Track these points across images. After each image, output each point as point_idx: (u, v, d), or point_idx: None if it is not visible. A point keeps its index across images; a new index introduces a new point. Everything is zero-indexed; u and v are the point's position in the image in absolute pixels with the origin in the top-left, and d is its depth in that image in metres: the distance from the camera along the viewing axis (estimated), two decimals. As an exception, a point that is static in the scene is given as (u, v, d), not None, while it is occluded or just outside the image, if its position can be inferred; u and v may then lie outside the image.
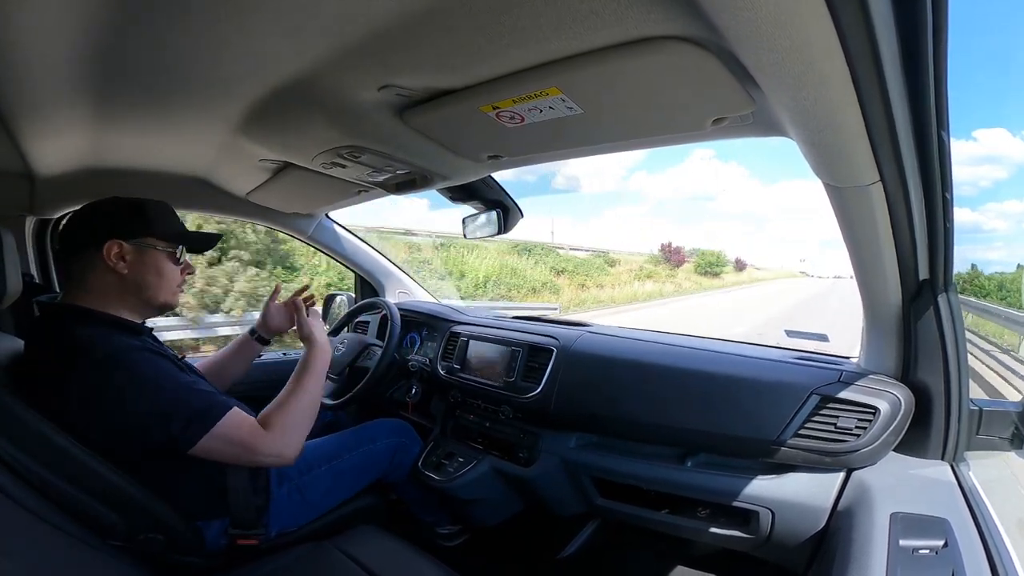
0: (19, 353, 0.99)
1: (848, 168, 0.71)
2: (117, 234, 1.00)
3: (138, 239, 1.02)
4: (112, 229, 1.00)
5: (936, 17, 0.50)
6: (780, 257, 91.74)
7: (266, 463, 1.07)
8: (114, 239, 0.99)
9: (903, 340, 0.97)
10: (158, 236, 1.05)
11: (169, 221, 1.10)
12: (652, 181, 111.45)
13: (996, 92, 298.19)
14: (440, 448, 1.56)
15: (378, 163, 1.18)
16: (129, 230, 1.02)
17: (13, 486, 0.79)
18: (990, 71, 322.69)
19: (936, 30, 0.51)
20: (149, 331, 1.09)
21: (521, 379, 1.41)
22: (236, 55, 0.78)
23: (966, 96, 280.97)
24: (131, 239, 1.01)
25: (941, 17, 0.50)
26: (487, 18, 0.64)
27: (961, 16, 2.88)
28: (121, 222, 1.02)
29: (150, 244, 1.04)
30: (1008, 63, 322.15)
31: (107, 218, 1.02)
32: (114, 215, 1.02)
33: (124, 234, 1.01)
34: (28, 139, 1.10)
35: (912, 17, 0.51)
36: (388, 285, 2.15)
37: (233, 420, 0.98)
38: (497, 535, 1.59)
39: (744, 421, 1.07)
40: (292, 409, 1.07)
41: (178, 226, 1.12)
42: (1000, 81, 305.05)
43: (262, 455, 1.00)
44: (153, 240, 1.04)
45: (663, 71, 0.69)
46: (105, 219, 1.01)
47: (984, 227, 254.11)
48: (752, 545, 1.11)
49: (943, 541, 0.74)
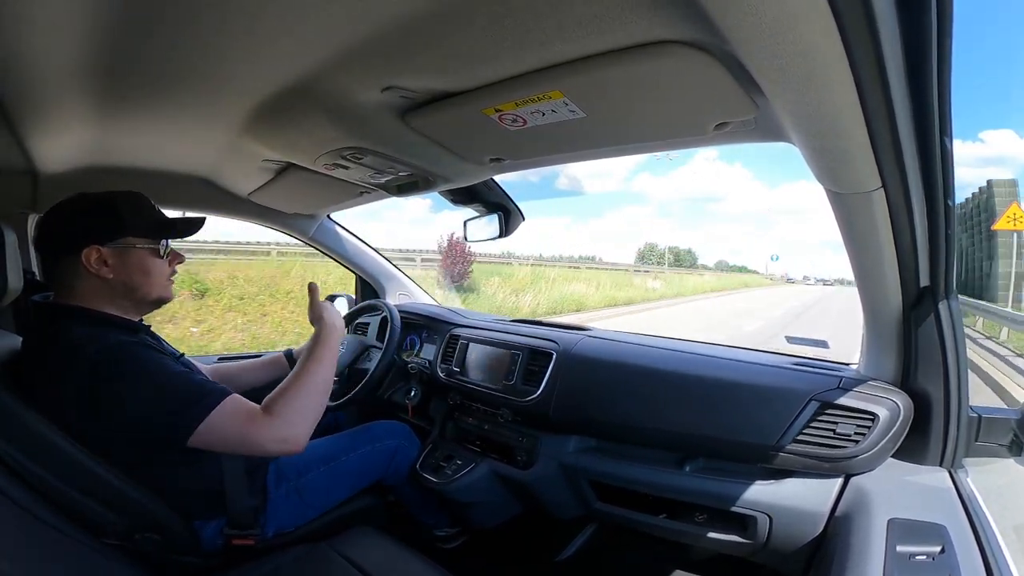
0: (18, 351, 0.99)
1: (850, 174, 0.72)
2: (94, 239, 0.95)
3: (116, 241, 0.97)
4: (88, 234, 0.95)
5: (940, 24, 0.50)
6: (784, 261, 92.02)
7: (272, 450, 0.98)
8: (92, 245, 0.95)
9: (903, 347, 0.97)
10: (137, 233, 1.00)
11: (145, 213, 1.04)
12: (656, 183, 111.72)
13: (1003, 93, 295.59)
14: (439, 450, 1.55)
15: (380, 164, 1.18)
16: (105, 233, 0.97)
17: (9, 485, 0.79)
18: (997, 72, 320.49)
19: (940, 37, 0.52)
20: (147, 328, 1.08)
21: (521, 382, 1.40)
22: (241, 55, 0.79)
23: (972, 97, 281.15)
24: (109, 242, 0.96)
25: (945, 24, 0.50)
26: (490, 21, 0.64)
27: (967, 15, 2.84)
28: (95, 225, 0.97)
29: (130, 244, 0.99)
30: (1015, 63, 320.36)
31: (80, 222, 0.97)
32: (86, 218, 0.97)
33: (101, 238, 0.96)
34: (32, 136, 1.10)
35: (916, 24, 0.51)
36: (389, 287, 2.15)
37: (230, 406, 0.94)
38: (495, 538, 1.58)
39: (743, 426, 1.07)
40: (296, 393, 1.01)
41: (156, 216, 1.06)
42: (1007, 82, 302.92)
43: (265, 441, 0.95)
44: (132, 239, 0.99)
45: (666, 75, 0.69)
46: (78, 223, 0.97)
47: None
48: (750, 550, 1.11)
49: (940, 547, 0.74)
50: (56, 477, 0.85)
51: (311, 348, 1.11)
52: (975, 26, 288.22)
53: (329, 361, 1.10)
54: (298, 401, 1.00)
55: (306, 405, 1.01)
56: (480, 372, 1.53)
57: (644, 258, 33.08)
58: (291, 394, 1.00)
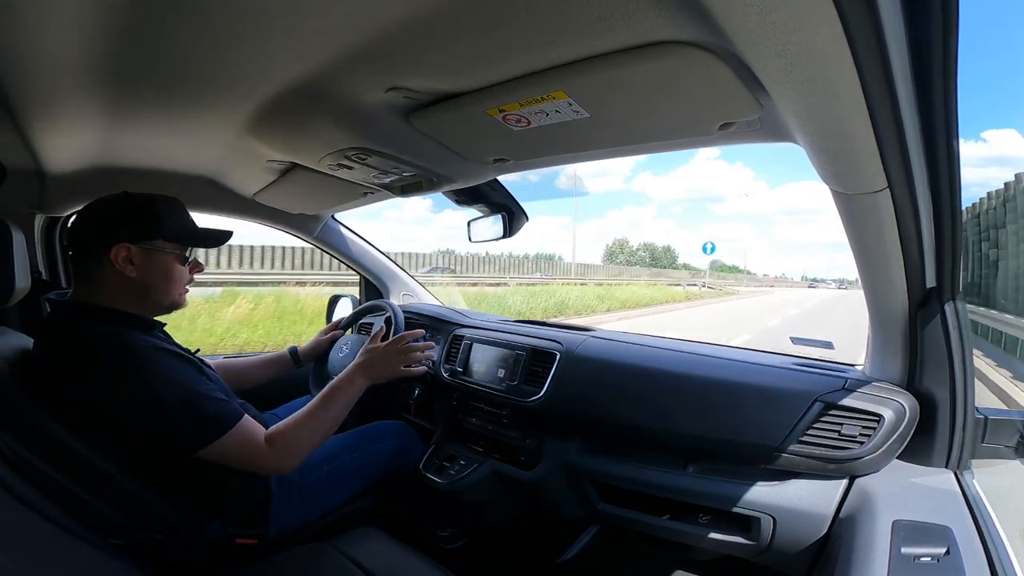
0: (26, 350, 0.99)
1: (856, 175, 0.71)
2: (126, 237, 0.98)
3: (147, 242, 1.00)
4: (121, 232, 0.98)
5: (946, 24, 0.50)
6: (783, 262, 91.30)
7: (266, 472, 1.08)
8: (122, 243, 0.97)
9: (909, 348, 0.97)
10: (167, 238, 1.03)
11: (179, 220, 1.07)
12: (657, 182, 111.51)
13: (1007, 93, 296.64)
14: (442, 451, 1.55)
15: (385, 165, 1.19)
16: (138, 232, 0.99)
17: (15, 482, 0.79)
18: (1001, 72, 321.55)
19: (946, 37, 0.51)
20: (161, 327, 1.09)
21: (524, 383, 1.40)
22: (247, 56, 0.79)
23: (976, 97, 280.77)
24: (139, 242, 0.99)
25: (951, 24, 0.50)
26: (495, 22, 0.64)
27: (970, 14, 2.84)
28: (130, 224, 1.00)
29: (159, 247, 1.02)
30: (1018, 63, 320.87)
31: (116, 219, 0.99)
32: (123, 216, 1.00)
33: (133, 237, 0.98)
34: (39, 137, 1.11)
35: (922, 24, 0.51)
36: (393, 287, 2.16)
37: (240, 434, 0.98)
38: (498, 538, 1.58)
39: (747, 427, 1.06)
40: (302, 433, 1.07)
41: (188, 225, 1.09)
42: (1011, 82, 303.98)
43: (260, 468, 1.03)
44: (162, 243, 1.02)
45: (670, 76, 0.69)
46: (114, 220, 0.99)
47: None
48: (753, 552, 1.11)
49: (945, 549, 0.73)
50: (63, 475, 0.86)
51: (332, 391, 1.15)
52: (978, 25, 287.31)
53: (347, 404, 1.16)
54: (302, 439, 1.07)
55: (306, 443, 1.08)
56: (483, 372, 1.53)
57: (612, 256, 30.92)
58: (298, 432, 1.07)
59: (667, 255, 32.37)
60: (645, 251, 30.93)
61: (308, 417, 1.09)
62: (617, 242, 45.87)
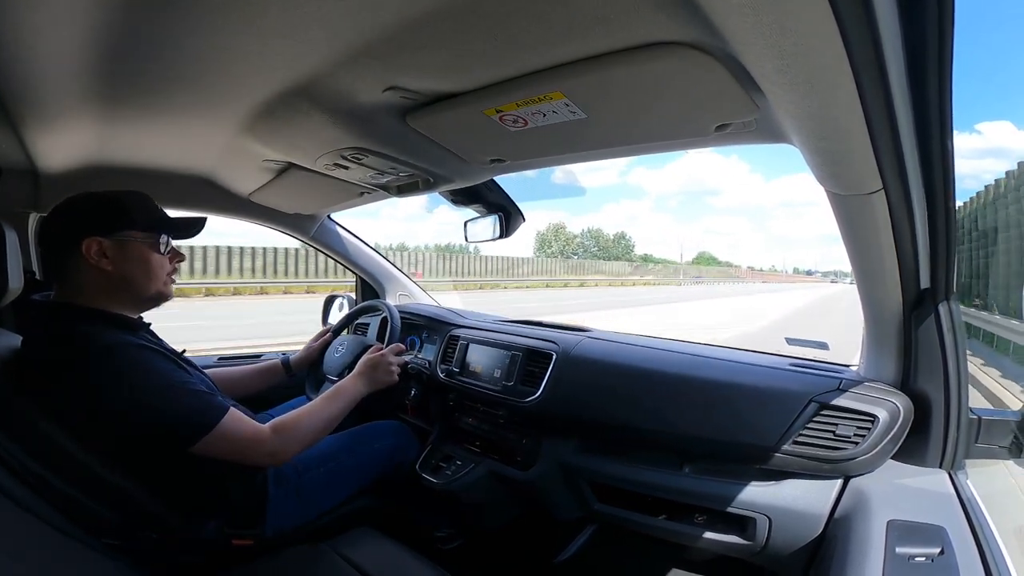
0: (18, 350, 0.98)
1: (851, 176, 0.72)
2: (95, 230, 0.98)
3: (117, 233, 1.00)
4: (89, 225, 0.98)
5: (941, 26, 0.50)
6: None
7: (262, 464, 1.09)
8: (92, 236, 0.97)
9: (903, 348, 0.97)
10: (137, 227, 1.02)
11: (147, 210, 1.06)
12: (652, 176, 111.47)
13: (1001, 85, 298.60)
14: (438, 451, 1.55)
15: (381, 165, 1.19)
16: (107, 225, 0.99)
17: (8, 482, 0.79)
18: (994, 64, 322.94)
19: (941, 39, 0.52)
20: (147, 326, 1.09)
21: (520, 383, 1.40)
22: (243, 55, 0.79)
23: (970, 89, 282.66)
24: (110, 234, 0.99)
25: (946, 25, 0.50)
26: (493, 23, 0.64)
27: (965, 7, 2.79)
28: (98, 217, 1.00)
29: (130, 237, 1.01)
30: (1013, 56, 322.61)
31: (83, 214, 0.99)
32: (90, 211, 1.00)
33: (102, 230, 0.98)
34: (34, 136, 1.10)
35: (917, 26, 0.51)
36: (389, 287, 2.15)
37: (229, 426, 0.98)
38: (494, 538, 1.58)
39: (743, 428, 1.07)
40: (301, 424, 1.10)
41: (158, 214, 1.08)
42: (1005, 74, 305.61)
43: (253, 459, 1.04)
44: (133, 232, 1.02)
45: (667, 77, 0.69)
46: (81, 216, 0.99)
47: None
48: (749, 552, 1.11)
49: (939, 549, 0.74)
50: (56, 475, 0.85)
51: (337, 390, 1.23)
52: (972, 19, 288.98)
53: (347, 407, 1.22)
54: (303, 429, 1.10)
55: (308, 435, 1.11)
56: (480, 373, 1.53)
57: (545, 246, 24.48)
58: (302, 422, 1.11)
59: (619, 244, 26.99)
60: (589, 238, 25.49)
61: (310, 411, 1.14)
62: (552, 227, 38.28)
